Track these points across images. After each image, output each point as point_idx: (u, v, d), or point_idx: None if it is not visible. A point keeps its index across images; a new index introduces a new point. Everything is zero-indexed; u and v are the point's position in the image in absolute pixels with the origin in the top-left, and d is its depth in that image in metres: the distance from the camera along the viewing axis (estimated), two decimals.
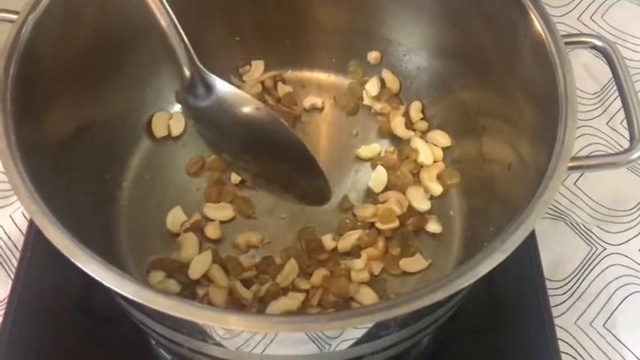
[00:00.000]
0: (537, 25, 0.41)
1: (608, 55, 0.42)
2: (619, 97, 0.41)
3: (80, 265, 0.33)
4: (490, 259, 0.33)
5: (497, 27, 0.45)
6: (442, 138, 0.54)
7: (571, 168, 0.37)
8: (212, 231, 0.49)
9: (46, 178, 0.37)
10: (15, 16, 0.41)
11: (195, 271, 0.47)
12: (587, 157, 0.45)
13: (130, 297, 0.32)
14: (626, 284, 0.52)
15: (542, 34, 0.41)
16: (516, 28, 0.43)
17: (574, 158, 0.37)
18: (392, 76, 0.56)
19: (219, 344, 0.36)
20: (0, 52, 0.39)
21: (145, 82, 0.53)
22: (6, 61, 0.39)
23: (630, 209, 0.56)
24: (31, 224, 0.52)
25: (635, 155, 0.38)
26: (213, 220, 0.50)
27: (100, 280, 0.32)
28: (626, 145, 0.40)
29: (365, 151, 0.54)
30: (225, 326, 0.32)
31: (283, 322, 0.32)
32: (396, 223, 0.50)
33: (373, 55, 0.56)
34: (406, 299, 0.32)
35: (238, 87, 0.56)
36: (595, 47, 0.43)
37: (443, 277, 0.33)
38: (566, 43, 0.41)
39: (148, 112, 0.54)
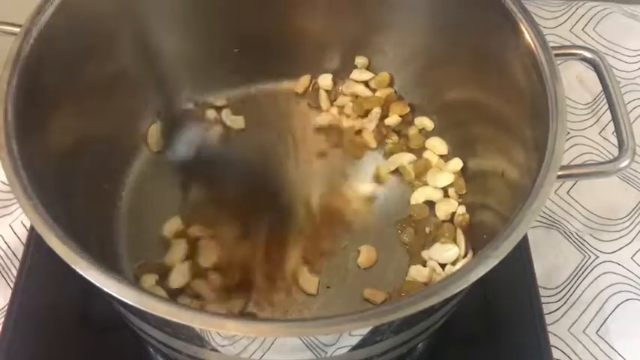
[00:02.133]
0: (528, 36, 0.42)
1: (597, 66, 0.43)
2: None
3: (81, 272, 0.33)
4: (482, 265, 0.34)
5: (487, 38, 0.46)
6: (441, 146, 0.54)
7: (561, 176, 0.37)
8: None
9: (47, 187, 0.37)
10: (17, 29, 0.41)
11: (174, 282, 0.47)
12: (576, 165, 0.46)
13: (130, 303, 0.32)
14: (618, 292, 0.53)
15: (533, 45, 0.42)
16: (507, 39, 0.43)
17: (564, 167, 0.38)
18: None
19: (217, 350, 0.37)
20: (3, 63, 0.40)
21: (146, 93, 0.54)
22: (9, 72, 0.39)
23: (622, 218, 0.56)
24: (31, 233, 0.52)
25: (624, 164, 0.39)
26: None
27: (100, 286, 0.33)
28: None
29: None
30: (222, 331, 0.33)
31: (281, 327, 0.33)
32: None
33: (361, 61, 0.57)
34: (401, 304, 0.32)
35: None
36: (584, 59, 0.44)
37: (437, 282, 0.34)
38: (557, 55, 0.42)
39: (148, 123, 0.55)
